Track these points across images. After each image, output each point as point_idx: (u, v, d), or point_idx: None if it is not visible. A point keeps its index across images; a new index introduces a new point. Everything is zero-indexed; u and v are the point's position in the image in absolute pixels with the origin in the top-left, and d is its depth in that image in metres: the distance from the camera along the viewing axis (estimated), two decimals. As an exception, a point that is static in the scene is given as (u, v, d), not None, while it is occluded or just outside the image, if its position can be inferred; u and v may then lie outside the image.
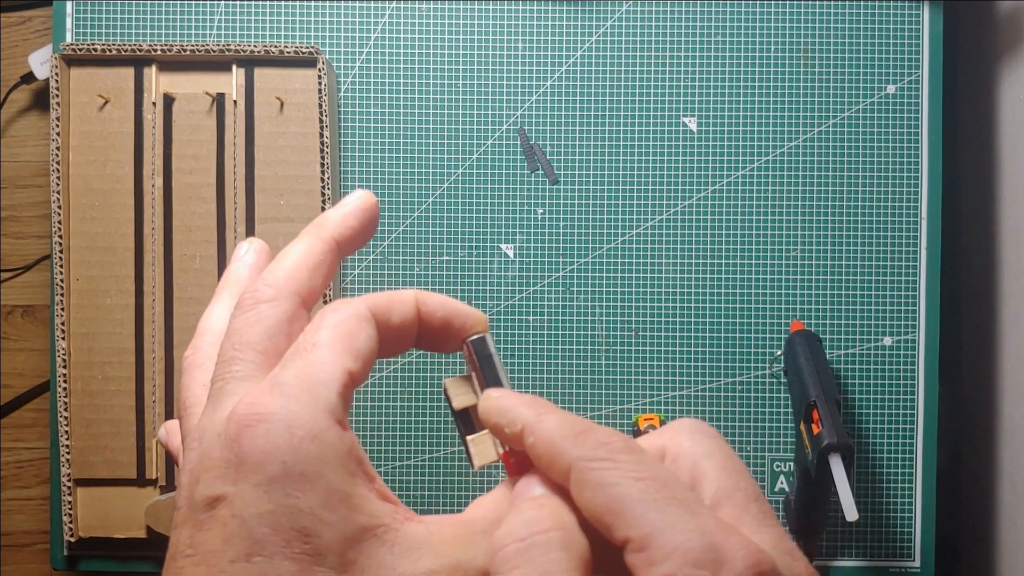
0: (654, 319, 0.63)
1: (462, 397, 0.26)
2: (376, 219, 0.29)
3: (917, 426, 0.63)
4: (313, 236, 0.27)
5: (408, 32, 0.63)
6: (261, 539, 0.20)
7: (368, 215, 0.28)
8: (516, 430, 0.23)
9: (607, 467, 0.20)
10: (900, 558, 0.63)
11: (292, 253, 0.26)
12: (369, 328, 0.24)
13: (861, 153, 0.63)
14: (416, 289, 0.26)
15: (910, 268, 0.63)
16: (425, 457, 0.63)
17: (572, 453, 0.21)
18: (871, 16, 0.63)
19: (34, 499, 0.70)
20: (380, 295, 0.25)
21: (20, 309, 0.70)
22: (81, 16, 0.63)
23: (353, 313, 0.24)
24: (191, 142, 0.61)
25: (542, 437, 0.22)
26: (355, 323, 0.24)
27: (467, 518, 0.23)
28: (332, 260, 0.27)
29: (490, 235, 0.63)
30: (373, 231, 0.29)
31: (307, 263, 0.26)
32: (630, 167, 0.63)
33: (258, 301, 0.25)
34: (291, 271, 0.26)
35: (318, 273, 0.26)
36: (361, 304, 0.24)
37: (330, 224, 0.28)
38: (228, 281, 0.30)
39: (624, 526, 0.20)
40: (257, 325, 0.24)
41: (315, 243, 0.27)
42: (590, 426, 0.22)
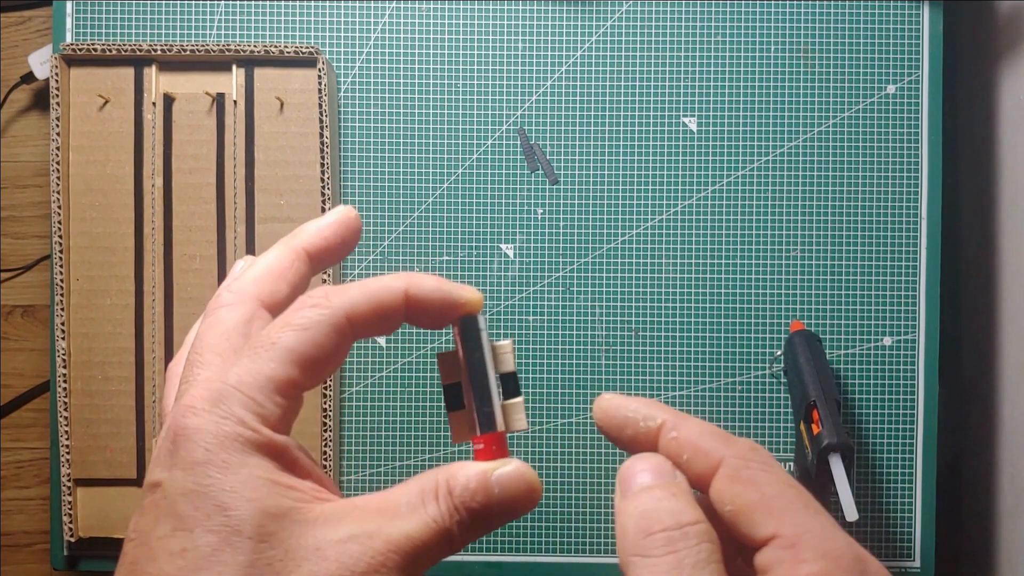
0: (654, 319, 0.63)
1: (450, 373, 0.26)
2: (356, 235, 0.29)
3: (917, 426, 0.63)
4: (283, 245, 0.28)
5: (408, 32, 0.63)
6: (183, 515, 0.22)
7: (345, 230, 0.28)
8: (655, 424, 0.24)
9: (763, 469, 0.22)
10: (900, 558, 0.63)
11: (259, 262, 0.27)
12: (336, 339, 0.24)
13: (861, 153, 0.63)
14: (409, 276, 0.26)
15: (910, 268, 0.63)
16: (425, 457, 0.63)
17: (727, 450, 0.23)
18: (871, 16, 0.63)
19: (34, 499, 0.70)
20: (365, 293, 0.25)
21: (20, 309, 0.70)
22: (81, 16, 0.63)
23: (325, 321, 0.24)
24: (191, 142, 0.61)
25: (691, 432, 0.24)
26: (323, 332, 0.24)
27: (394, 494, 0.24)
28: (301, 269, 0.27)
29: (490, 235, 0.63)
30: (351, 246, 0.29)
31: (272, 270, 0.27)
32: (630, 167, 0.63)
33: (219, 306, 0.26)
34: (253, 277, 0.27)
35: (283, 279, 0.27)
36: (339, 310, 0.24)
37: (303, 235, 0.28)
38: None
39: (776, 523, 0.21)
40: (215, 328, 0.25)
41: (284, 252, 0.27)
42: (733, 435, 0.24)
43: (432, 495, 0.24)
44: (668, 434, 0.24)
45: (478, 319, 0.26)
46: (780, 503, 0.21)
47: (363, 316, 0.24)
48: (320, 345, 0.24)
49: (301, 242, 0.28)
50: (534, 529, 0.63)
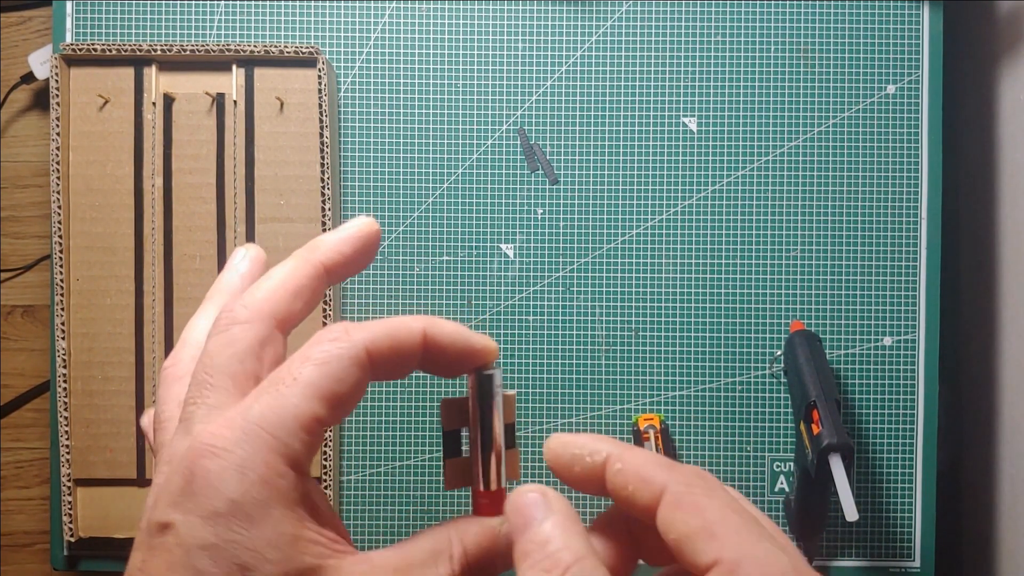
0: (654, 319, 0.63)
1: (452, 419, 0.26)
2: (374, 248, 0.28)
3: (917, 426, 0.63)
4: (301, 259, 0.26)
5: (408, 32, 0.63)
6: (202, 570, 0.21)
7: (365, 243, 0.27)
8: (600, 459, 0.24)
9: (706, 494, 0.22)
10: (900, 558, 0.63)
11: (275, 274, 0.26)
12: (357, 373, 0.23)
13: (861, 153, 0.63)
14: (428, 318, 0.25)
15: (910, 268, 0.63)
16: (425, 457, 0.63)
17: (669, 477, 0.23)
18: (871, 16, 0.63)
19: (34, 499, 0.70)
20: (385, 329, 0.24)
21: (20, 309, 0.70)
22: (81, 16, 0.63)
23: (345, 355, 0.23)
24: (191, 142, 0.61)
25: (633, 462, 0.24)
26: (344, 367, 0.23)
27: (408, 552, 0.24)
28: (317, 285, 0.26)
29: (490, 235, 0.63)
30: (369, 260, 0.28)
31: (288, 286, 0.26)
32: (630, 167, 0.63)
33: (232, 322, 0.25)
34: (270, 293, 0.25)
35: (299, 297, 0.26)
36: (359, 344, 0.23)
37: (322, 248, 0.27)
38: (217, 289, 0.30)
39: (718, 548, 0.21)
40: (229, 348, 0.24)
41: (301, 266, 0.26)
42: (678, 462, 0.24)
43: (446, 556, 0.24)
44: (613, 467, 0.24)
45: (495, 375, 0.26)
46: (722, 528, 0.21)
47: (382, 353, 0.24)
48: (341, 380, 0.23)
49: (320, 256, 0.27)
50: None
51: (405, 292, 0.63)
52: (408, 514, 0.63)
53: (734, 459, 0.63)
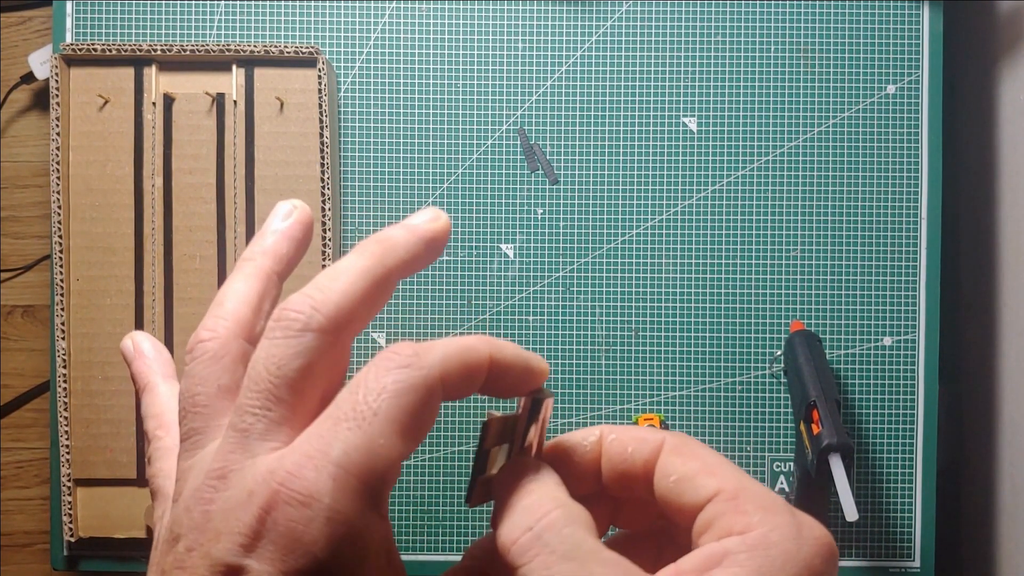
0: (654, 319, 0.63)
1: (494, 437, 0.25)
2: (444, 245, 0.25)
3: (917, 426, 0.63)
4: (375, 262, 0.24)
5: (408, 32, 0.63)
6: None
7: (437, 243, 0.25)
8: (595, 437, 0.25)
9: (700, 447, 0.24)
10: (900, 558, 0.63)
11: (349, 275, 0.23)
12: (435, 405, 0.21)
13: (861, 153, 0.63)
14: (489, 342, 0.23)
15: (910, 268, 0.63)
16: (425, 457, 0.63)
17: (665, 434, 0.24)
18: (871, 16, 0.63)
19: (34, 499, 0.70)
20: (458, 353, 0.22)
21: (20, 309, 0.70)
22: (81, 16, 0.63)
23: (422, 385, 0.21)
24: (191, 142, 0.61)
25: (628, 430, 0.25)
26: (423, 400, 0.21)
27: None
28: (388, 290, 0.24)
29: (490, 235, 0.63)
30: (436, 258, 0.25)
31: (363, 294, 0.23)
32: (630, 167, 0.63)
33: (306, 328, 0.22)
34: (344, 300, 0.23)
35: (373, 305, 0.24)
36: (435, 371, 0.21)
37: (397, 252, 0.24)
38: (259, 250, 0.26)
39: (718, 481, 0.22)
40: (300, 359, 0.22)
41: (375, 270, 0.23)
42: None
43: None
44: (608, 437, 0.25)
45: (549, 404, 0.25)
46: (720, 468, 0.23)
47: (454, 380, 0.22)
48: (420, 411, 0.21)
49: (395, 261, 0.24)
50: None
51: (405, 292, 0.63)
52: (408, 514, 0.63)
53: (734, 459, 0.63)
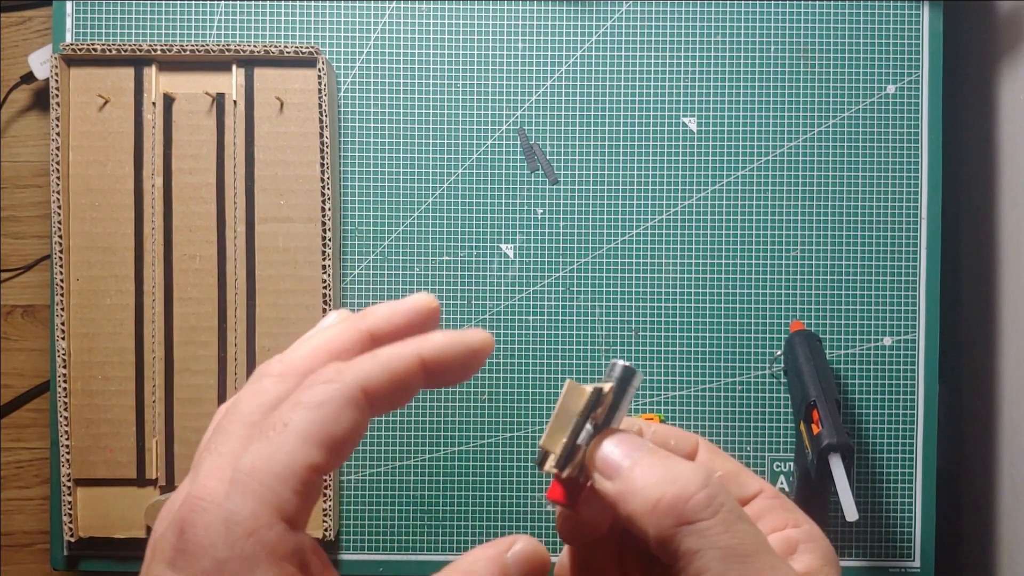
0: (654, 319, 0.63)
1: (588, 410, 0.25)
2: (431, 324, 0.26)
3: (917, 426, 0.63)
4: (349, 323, 0.25)
5: (408, 32, 0.63)
6: None
7: (419, 317, 0.26)
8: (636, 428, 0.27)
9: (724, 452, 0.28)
10: (900, 558, 0.63)
11: (320, 335, 0.25)
12: (354, 415, 0.22)
13: (861, 153, 0.63)
14: (418, 344, 0.24)
15: (910, 268, 0.63)
16: (425, 457, 0.63)
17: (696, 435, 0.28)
18: (871, 16, 0.63)
19: (34, 499, 0.70)
20: (380, 365, 0.23)
21: (20, 309, 0.70)
22: (81, 16, 0.63)
23: (339, 397, 0.22)
24: (191, 142, 0.61)
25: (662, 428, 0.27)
26: (338, 409, 0.22)
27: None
28: (361, 352, 0.25)
29: (490, 235, 0.63)
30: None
31: (330, 347, 0.25)
32: (630, 167, 0.63)
33: (264, 374, 0.24)
34: (309, 351, 0.25)
35: (339, 361, 0.24)
36: (354, 384, 0.22)
37: (372, 316, 0.26)
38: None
39: (758, 483, 0.27)
40: (255, 398, 0.23)
41: (347, 330, 0.25)
42: None
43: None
44: (649, 429, 0.27)
45: (639, 373, 0.26)
46: (748, 471, 0.27)
47: (380, 390, 0.23)
48: (336, 423, 0.22)
49: (367, 324, 0.25)
50: (539, 529, 0.63)
51: (405, 292, 0.63)
52: (408, 514, 0.63)
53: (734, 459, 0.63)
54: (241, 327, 0.61)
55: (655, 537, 0.23)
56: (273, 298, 0.61)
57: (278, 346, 0.61)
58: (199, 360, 0.61)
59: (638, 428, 0.26)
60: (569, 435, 0.25)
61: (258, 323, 0.61)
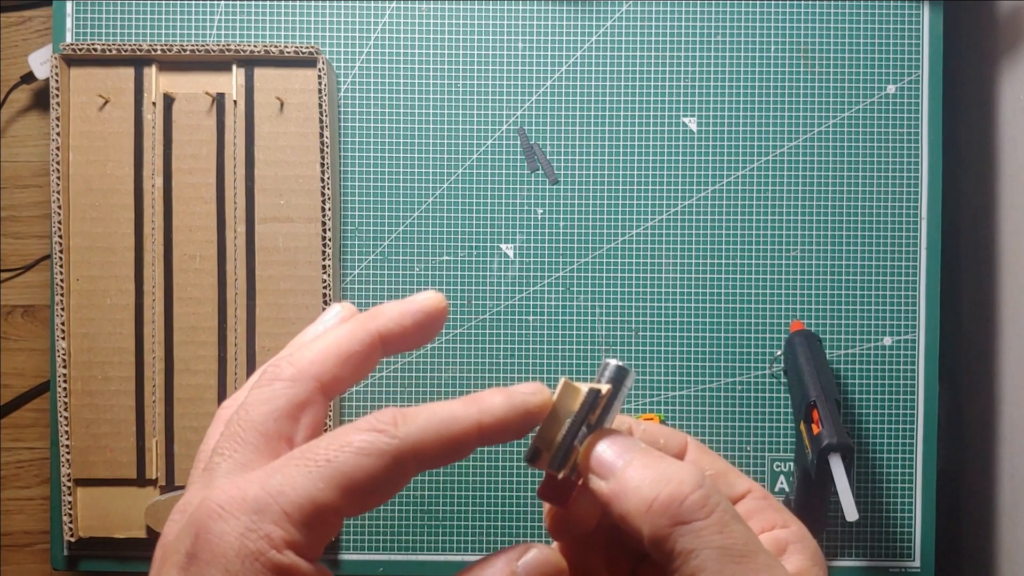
0: (654, 319, 0.63)
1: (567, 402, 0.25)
2: (439, 324, 0.26)
3: (917, 426, 0.63)
4: (358, 324, 0.25)
5: (408, 32, 0.63)
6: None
7: (428, 317, 0.26)
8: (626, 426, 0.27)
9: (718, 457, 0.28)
10: (900, 558, 0.63)
11: (329, 336, 0.25)
12: (396, 474, 0.22)
13: (861, 153, 0.63)
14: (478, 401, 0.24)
15: (910, 268, 0.63)
16: (425, 457, 0.63)
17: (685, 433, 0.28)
18: (871, 16, 0.63)
19: (34, 499, 0.70)
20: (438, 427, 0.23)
21: (20, 309, 0.70)
22: (81, 16, 0.63)
23: (389, 454, 0.22)
24: (191, 142, 0.61)
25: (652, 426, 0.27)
26: (384, 465, 0.22)
27: None
28: (371, 353, 0.25)
29: (490, 235, 0.63)
30: (431, 335, 0.26)
31: (339, 350, 0.25)
32: (630, 167, 0.63)
33: (275, 378, 0.24)
34: (318, 354, 0.24)
35: (348, 364, 0.25)
36: (407, 445, 0.22)
37: (381, 317, 0.25)
38: (296, 343, 0.28)
39: (746, 482, 0.27)
40: (266, 404, 0.23)
41: (357, 331, 0.25)
42: None
43: None
44: (639, 427, 0.27)
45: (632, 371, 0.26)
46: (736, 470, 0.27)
47: (431, 452, 0.23)
48: (376, 477, 0.22)
49: (377, 325, 0.25)
50: (539, 529, 0.63)
51: (405, 292, 0.63)
52: (408, 514, 0.63)
53: (734, 459, 0.63)
54: (241, 327, 0.61)
55: (650, 537, 0.23)
56: (273, 298, 0.61)
57: (278, 346, 0.61)
58: (199, 360, 0.61)
59: (628, 427, 0.26)
60: (565, 435, 0.25)
61: (258, 323, 0.61)
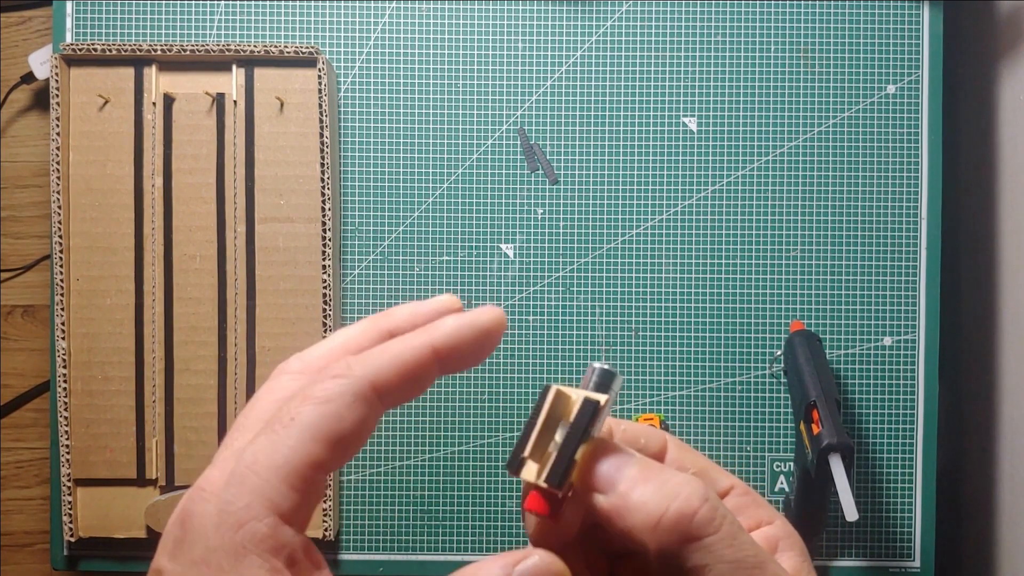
0: (654, 319, 0.63)
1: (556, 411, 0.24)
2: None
3: (917, 426, 0.63)
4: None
5: (408, 32, 0.63)
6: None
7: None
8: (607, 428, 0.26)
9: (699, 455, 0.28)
10: (900, 558, 0.63)
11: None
12: (362, 410, 0.22)
13: (861, 153, 0.63)
14: (428, 333, 0.23)
15: (910, 268, 0.63)
16: (425, 457, 0.63)
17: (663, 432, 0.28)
18: (871, 16, 0.63)
19: (34, 499, 0.70)
20: (390, 358, 0.23)
21: (20, 309, 0.70)
22: (81, 16, 0.63)
23: (348, 392, 0.22)
24: (191, 142, 0.61)
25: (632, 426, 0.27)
26: (346, 404, 0.22)
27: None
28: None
29: (490, 235, 0.63)
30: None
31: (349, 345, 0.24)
32: (630, 167, 0.63)
33: (281, 372, 0.24)
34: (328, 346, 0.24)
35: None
36: (363, 379, 0.22)
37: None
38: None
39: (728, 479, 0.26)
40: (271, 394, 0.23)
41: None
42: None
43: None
44: (619, 428, 0.27)
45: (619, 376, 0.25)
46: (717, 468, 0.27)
47: (390, 384, 0.22)
48: (344, 418, 0.22)
49: (390, 324, 0.25)
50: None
51: (405, 292, 0.63)
52: (408, 514, 0.63)
53: (734, 459, 0.63)
54: (241, 327, 0.61)
55: (658, 553, 0.22)
56: (273, 298, 0.61)
57: (278, 346, 0.61)
58: (199, 360, 0.61)
59: (609, 429, 0.26)
60: (564, 448, 0.23)
61: (258, 323, 0.61)
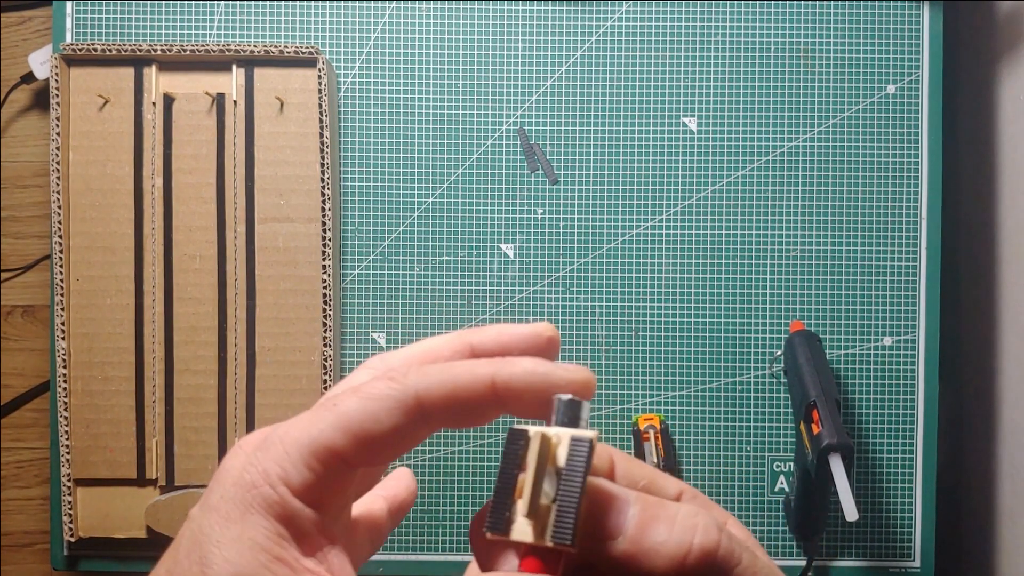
0: (654, 319, 0.63)
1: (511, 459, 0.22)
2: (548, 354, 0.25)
3: (917, 426, 0.63)
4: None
5: (408, 32, 0.63)
6: (178, 559, 0.22)
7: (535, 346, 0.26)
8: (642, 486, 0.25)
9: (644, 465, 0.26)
10: (900, 558, 0.63)
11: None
12: (400, 419, 0.22)
13: (861, 153, 0.63)
14: (497, 364, 0.23)
15: (910, 268, 0.63)
16: (425, 457, 0.63)
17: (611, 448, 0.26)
18: (871, 16, 0.63)
19: (34, 499, 0.70)
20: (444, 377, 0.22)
21: (20, 309, 0.70)
22: (81, 16, 0.63)
23: (393, 397, 0.22)
24: (191, 142, 0.61)
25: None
26: (386, 409, 0.22)
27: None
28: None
29: (490, 235, 0.63)
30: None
31: (429, 354, 0.25)
32: (630, 167, 0.63)
33: (364, 367, 0.25)
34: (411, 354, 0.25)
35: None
36: (411, 390, 0.22)
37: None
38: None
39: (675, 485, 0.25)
40: (345, 385, 0.24)
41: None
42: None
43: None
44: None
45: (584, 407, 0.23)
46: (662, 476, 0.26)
47: (437, 403, 0.22)
48: (380, 421, 0.22)
49: (476, 339, 0.25)
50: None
51: (405, 292, 0.63)
52: (408, 514, 0.63)
53: (734, 459, 0.63)
54: (241, 327, 0.61)
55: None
56: (273, 298, 0.61)
57: (278, 346, 0.61)
58: (199, 360, 0.61)
59: None
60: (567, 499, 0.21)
61: (258, 323, 0.61)
